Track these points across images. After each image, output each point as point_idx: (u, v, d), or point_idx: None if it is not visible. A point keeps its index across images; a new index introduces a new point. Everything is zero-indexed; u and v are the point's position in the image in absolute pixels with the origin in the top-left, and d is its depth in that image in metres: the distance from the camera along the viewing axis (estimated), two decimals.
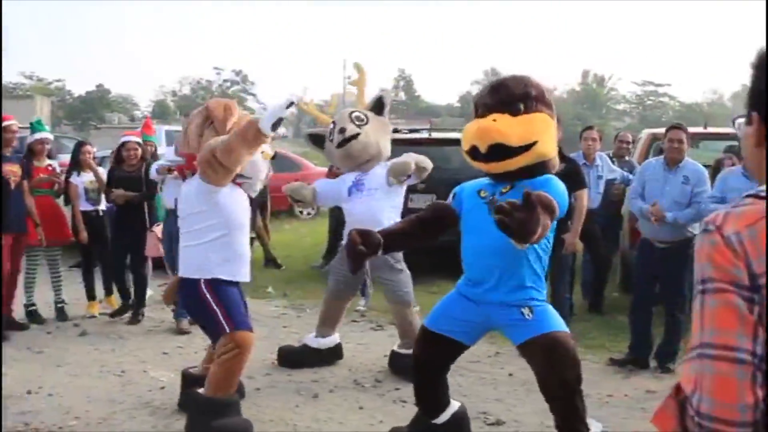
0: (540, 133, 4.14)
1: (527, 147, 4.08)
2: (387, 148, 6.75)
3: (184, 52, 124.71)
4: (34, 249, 8.16)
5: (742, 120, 1.76)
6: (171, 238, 7.38)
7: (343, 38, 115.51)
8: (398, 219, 6.26)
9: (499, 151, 4.05)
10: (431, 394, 4.68)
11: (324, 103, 8.91)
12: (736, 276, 1.52)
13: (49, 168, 8.18)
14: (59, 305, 8.40)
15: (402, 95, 78.11)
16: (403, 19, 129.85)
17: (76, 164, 8.34)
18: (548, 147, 4.21)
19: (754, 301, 1.50)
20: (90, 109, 63.81)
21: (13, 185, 7.59)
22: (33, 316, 8.20)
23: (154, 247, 8.06)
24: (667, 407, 1.65)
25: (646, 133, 11.31)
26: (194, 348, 7.06)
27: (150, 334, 7.79)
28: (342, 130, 6.52)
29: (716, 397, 1.50)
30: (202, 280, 5.00)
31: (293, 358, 6.68)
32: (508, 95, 4.18)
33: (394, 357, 6.56)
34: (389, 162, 6.54)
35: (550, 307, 4.34)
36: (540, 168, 4.21)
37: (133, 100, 73.02)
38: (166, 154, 8.11)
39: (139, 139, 8.51)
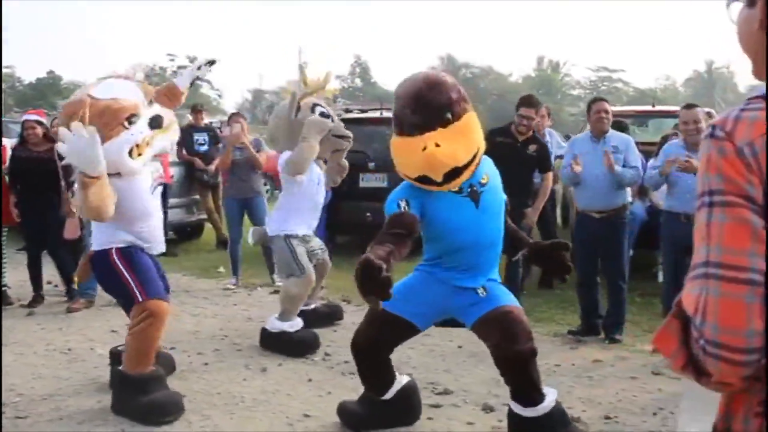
0: (478, 137, 4.17)
1: (474, 156, 4.11)
2: None
3: (137, 38, 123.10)
4: None
5: (738, 2, 1.57)
6: None
7: (298, 24, 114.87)
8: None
9: (455, 173, 4.05)
10: (377, 374, 4.70)
11: (280, 90, 8.85)
12: (749, 192, 1.37)
13: None
14: (3, 288, 8.23)
15: (358, 81, 77.95)
16: (360, 6, 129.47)
17: (23, 141, 8.11)
18: (481, 142, 4.22)
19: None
20: (41, 96, 62.70)
21: None
22: None
23: (74, 229, 7.87)
24: (669, 327, 1.50)
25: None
26: None
27: (99, 313, 7.69)
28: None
29: (722, 322, 1.37)
30: (113, 249, 4.98)
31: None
32: (434, 109, 4.03)
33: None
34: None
35: (501, 285, 4.46)
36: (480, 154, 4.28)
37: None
38: None
39: (40, 118, 8.16)
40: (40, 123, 8.03)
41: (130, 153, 4.90)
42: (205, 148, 11.49)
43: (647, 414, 4.94)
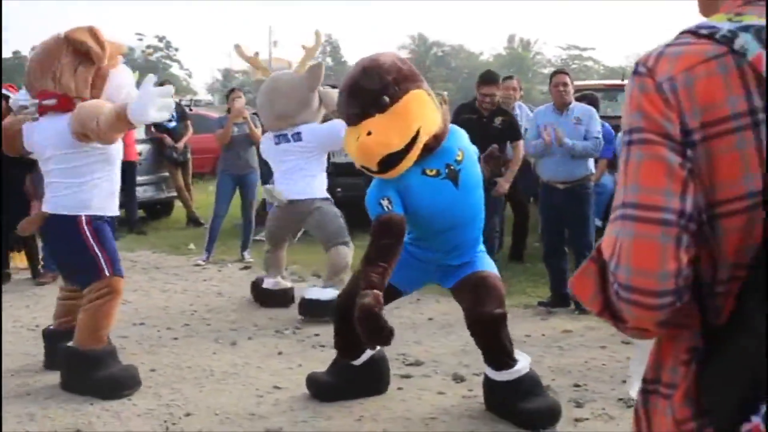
0: (417, 116, 4.00)
1: (413, 140, 3.97)
2: None
3: (104, 17, 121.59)
4: None
5: None
6: None
7: (269, 2, 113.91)
8: None
9: (391, 160, 3.96)
10: (352, 336, 4.65)
11: (250, 70, 8.81)
12: (665, 129, 1.30)
13: None
14: None
15: (329, 60, 77.67)
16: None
17: None
18: (432, 120, 4.09)
19: (686, 156, 1.29)
20: (7, 78, 61.95)
21: None
22: None
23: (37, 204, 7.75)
24: (587, 271, 1.42)
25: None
26: None
27: None
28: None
29: (634, 264, 1.29)
30: (83, 217, 4.86)
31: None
32: (368, 95, 4.00)
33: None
34: None
35: (484, 252, 4.53)
36: (445, 129, 4.24)
37: None
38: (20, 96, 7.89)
39: (8, 92, 7.98)
40: (6, 98, 7.87)
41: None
42: (173, 124, 11.39)
43: (616, 381, 4.97)
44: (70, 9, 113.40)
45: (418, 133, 3.97)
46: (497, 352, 4.33)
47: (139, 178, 11.07)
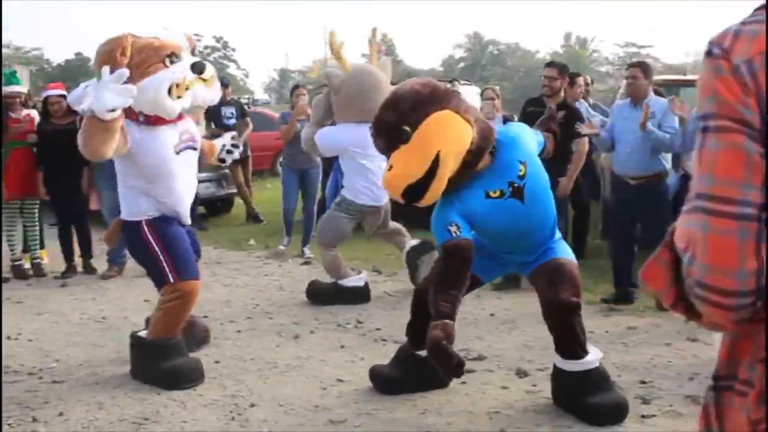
0: (437, 140, 3.91)
1: (434, 165, 3.87)
2: None
3: (163, 18, 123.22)
4: (11, 203, 8.07)
5: None
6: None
7: (324, 2, 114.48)
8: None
9: (414, 191, 3.93)
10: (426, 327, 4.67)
11: (307, 69, 8.94)
12: (743, 115, 1.20)
13: (27, 117, 8.04)
14: (35, 261, 8.30)
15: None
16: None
17: (46, 115, 8.09)
18: (458, 139, 3.96)
19: (766, 145, 1.20)
20: (70, 78, 63.20)
21: None
22: (18, 271, 8.13)
23: (98, 200, 7.95)
24: (659, 260, 1.35)
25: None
26: None
27: (131, 284, 7.75)
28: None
29: (711, 261, 1.22)
30: (143, 222, 4.92)
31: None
32: (388, 130, 4.00)
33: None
34: None
35: (561, 239, 4.54)
36: (490, 132, 4.14)
37: None
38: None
39: (62, 92, 8.14)
40: (63, 96, 8.04)
41: (169, 92, 4.76)
42: (233, 121, 11.49)
43: (683, 379, 4.89)
44: (129, 10, 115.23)
45: (438, 156, 3.87)
46: (569, 340, 4.30)
47: (200, 175, 11.08)
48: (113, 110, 4.43)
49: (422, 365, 4.66)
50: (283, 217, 9.45)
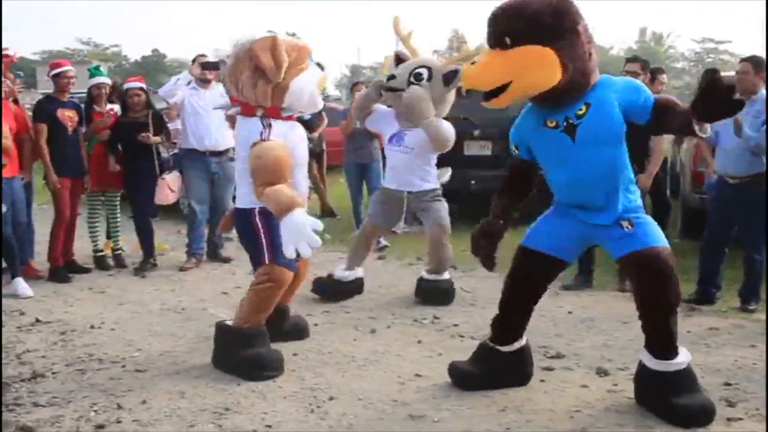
0: (516, 72, 4.02)
1: (501, 89, 4.06)
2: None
3: (237, 15, 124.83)
4: (94, 194, 8.25)
5: None
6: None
7: (398, 2, 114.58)
8: (432, 172, 6.81)
9: (491, 93, 4.13)
10: (516, 319, 4.70)
11: (378, 65, 8.97)
12: None
13: (111, 112, 8.20)
14: (116, 251, 8.46)
15: (456, 55, 77.47)
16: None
17: (125, 109, 8.20)
18: (534, 81, 4.06)
19: None
20: (146, 74, 64.44)
21: (70, 130, 7.70)
22: (100, 261, 8.31)
23: (164, 195, 8.04)
24: None
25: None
26: None
27: (209, 276, 7.87)
28: (391, 77, 6.59)
29: None
30: (257, 209, 5.03)
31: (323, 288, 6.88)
32: (497, 30, 4.11)
33: (422, 282, 6.88)
34: (435, 132, 6.51)
35: (651, 220, 4.33)
36: (580, 86, 4.13)
37: (189, 64, 73.47)
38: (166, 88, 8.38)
39: (142, 85, 8.34)
40: (143, 89, 8.24)
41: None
42: (307, 116, 11.52)
43: None
44: (202, 9, 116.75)
45: (509, 85, 4.05)
46: (664, 340, 4.24)
47: None
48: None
49: (503, 362, 4.65)
50: (353, 210, 9.82)
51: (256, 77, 4.98)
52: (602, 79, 4.24)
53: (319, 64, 5.18)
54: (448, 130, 6.53)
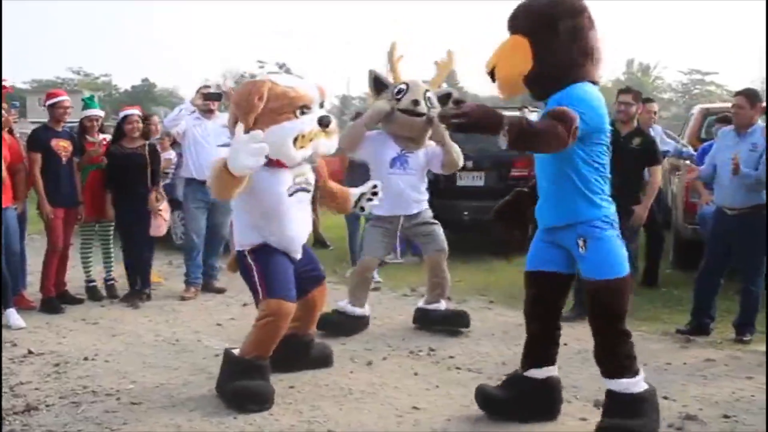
0: (498, 58, 4.39)
1: (491, 74, 4.42)
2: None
3: (227, 45, 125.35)
4: (88, 225, 8.23)
5: None
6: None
7: (386, 29, 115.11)
8: (425, 197, 6.92)
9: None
10: (540, 341, 4.78)
11: (366, 95, 9.00)
12: None
13: (103, 142, 8.20)
14: (109, 282, 8.42)
15: (445, 86, 77.65)
16: (445, 6, 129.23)
17: (120, 135, 8.17)
18: (507, 68, 4.35)
19: None
20: (136, 103, 64.41)
21: (64, 160, 7.70)
22: (92, 292, 8.26)
23: (158, 227, 8.09)
24: None
25: (698, 108, 11.21)
26: (248, 321, 7.03)
27: (203, 307, 7.83)
28: (416, 102, 6.59)
29: None
30: (246, 250, 5.15)
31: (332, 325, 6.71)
32: (507, 23, 4.49)
33: (420, 313, 6.94)
34: (441, 153, 6.78)
35: (610, 239, 4.34)
36: (552, 81, 4.29)
37: (179, 94, 73.63)
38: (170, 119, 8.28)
39: (139, 113, 8.39)
40: (140, 117, 8.29)
41: (294, 141, 4.95)
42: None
43: None
44: (195, 39, 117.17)
45: (494, 69, 4.38)
46: (607, 361, 4.46)
47: None
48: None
49: (531, 390, 4.69)
50: (348, 244, 9.72)
51: (236, 117, 5.05)
52: (577, 86, 4.28)
53: (322, 119, 5.06)
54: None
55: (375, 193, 6.01)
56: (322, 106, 5.29)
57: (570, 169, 4.24)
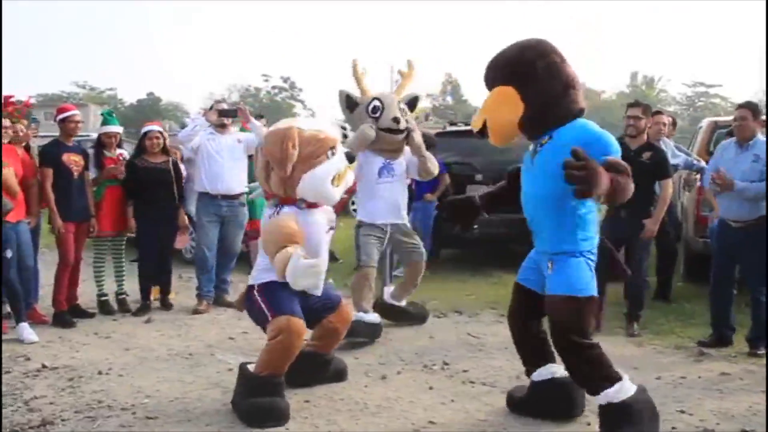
0: (487, 111, 4.59)
1: (483, 127, 4.59)
2: None
3: (232, 59, 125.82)
4: (101, 239, 8.24)
5: None
6: None
7: (390, 42, 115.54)
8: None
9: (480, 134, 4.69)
10: (524, 347, 5.06)
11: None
12: None
13: (120, 157, 8.24)
14: (120, 296, 8.43)
15: (449, 99, 77.99)
16: (450, 21, 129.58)
17: (140, 152, 8.30)
18: (500, 118, 4.54)
19: None
20: (142, 117, 64.89)
21: (76, 175, 7.73)
22: (104, 306, 8.27)
23: (183, 241, 8.27)
24: None
25: (706, 121, 11.19)
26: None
27: (214, 321, 7.83)
28: (397, 120, 6.79)
29: None
30: (255, 286, 5.19)
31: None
32: (484, 80, 4.75)
33: (383, 304, 7.42)
34: (418, 159, 7.00)
35: (574, 265, 4.48)
36: (546, 118, 4.48)
37: (184, 108, 73.92)
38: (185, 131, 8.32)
39: (161, 129, 8.50)
40: (161, 133, 8.32)
41: (332, 182, 5.12)
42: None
43: None
44: (199, 52, 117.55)
45: (485, 123, 4.56)
46: (577, 377, 4.56)
47: None
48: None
49: (544, 391, 4.89)
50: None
51: (268, 170, 5.18)
52: (578, 122, 4.49)
53: (349, 156, 5.22)
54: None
55: None
56: (342, 142, 5.49)
57: (567, 201, 4.36)
